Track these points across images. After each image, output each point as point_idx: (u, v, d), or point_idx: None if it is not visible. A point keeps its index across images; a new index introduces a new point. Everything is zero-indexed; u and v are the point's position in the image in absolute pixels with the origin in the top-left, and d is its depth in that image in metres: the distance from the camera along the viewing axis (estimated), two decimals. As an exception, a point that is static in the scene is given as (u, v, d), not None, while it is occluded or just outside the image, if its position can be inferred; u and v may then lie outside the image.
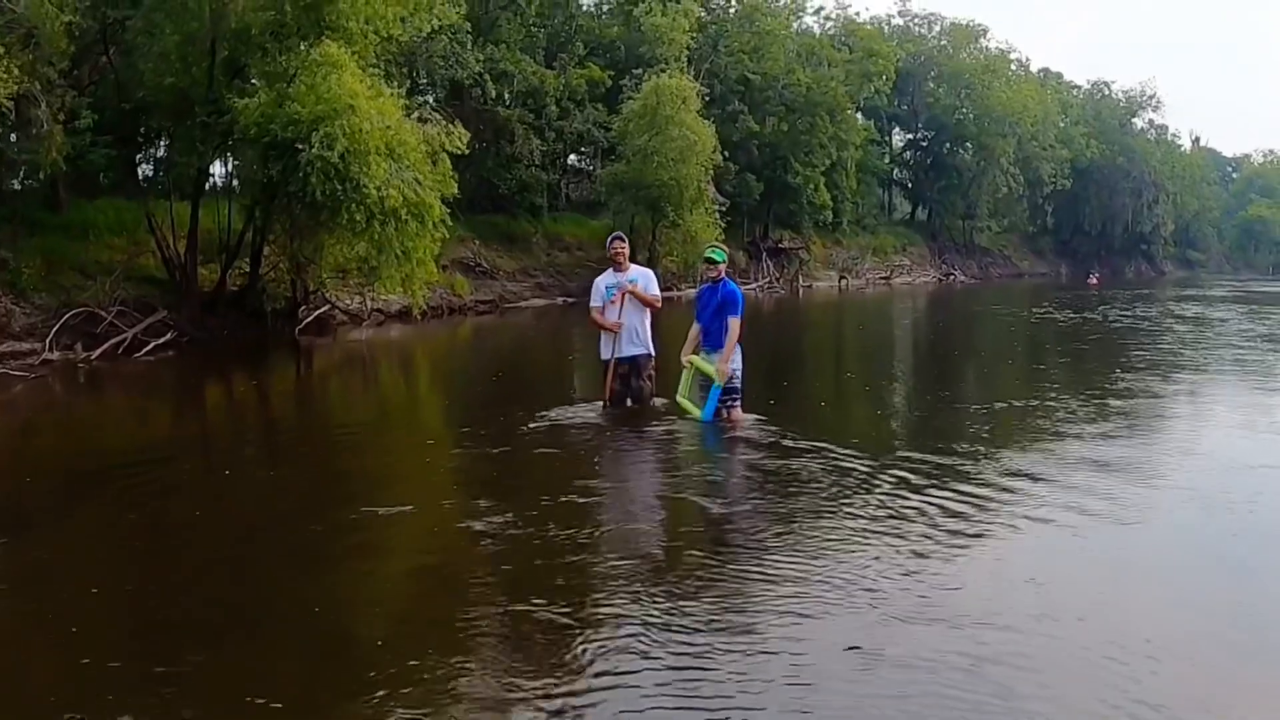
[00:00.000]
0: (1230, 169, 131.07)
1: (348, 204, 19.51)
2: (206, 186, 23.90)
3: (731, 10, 52.58)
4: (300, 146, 19.07)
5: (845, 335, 28.56)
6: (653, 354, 11.31)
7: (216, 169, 25.43)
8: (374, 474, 9.56)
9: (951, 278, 68.36)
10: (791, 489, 8.05)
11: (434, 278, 23.71)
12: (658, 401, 11.31)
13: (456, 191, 22.48)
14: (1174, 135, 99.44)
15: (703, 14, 45.85)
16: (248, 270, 23.28)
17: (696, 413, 10.53)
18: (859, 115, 58.29)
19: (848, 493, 7.87)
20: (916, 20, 72.47)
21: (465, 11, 31.40)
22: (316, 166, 18.99)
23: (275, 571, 6.49)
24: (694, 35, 43.63)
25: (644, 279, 11.27)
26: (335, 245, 21.78)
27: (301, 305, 24.49)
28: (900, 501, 7.57)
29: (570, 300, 37.58)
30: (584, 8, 46.28)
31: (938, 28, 72.72)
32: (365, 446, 11.09)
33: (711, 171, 40.06)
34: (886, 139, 72.45)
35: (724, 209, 41.34)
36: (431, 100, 31.03)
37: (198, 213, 22.23)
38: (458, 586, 6.02)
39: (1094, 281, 65.64)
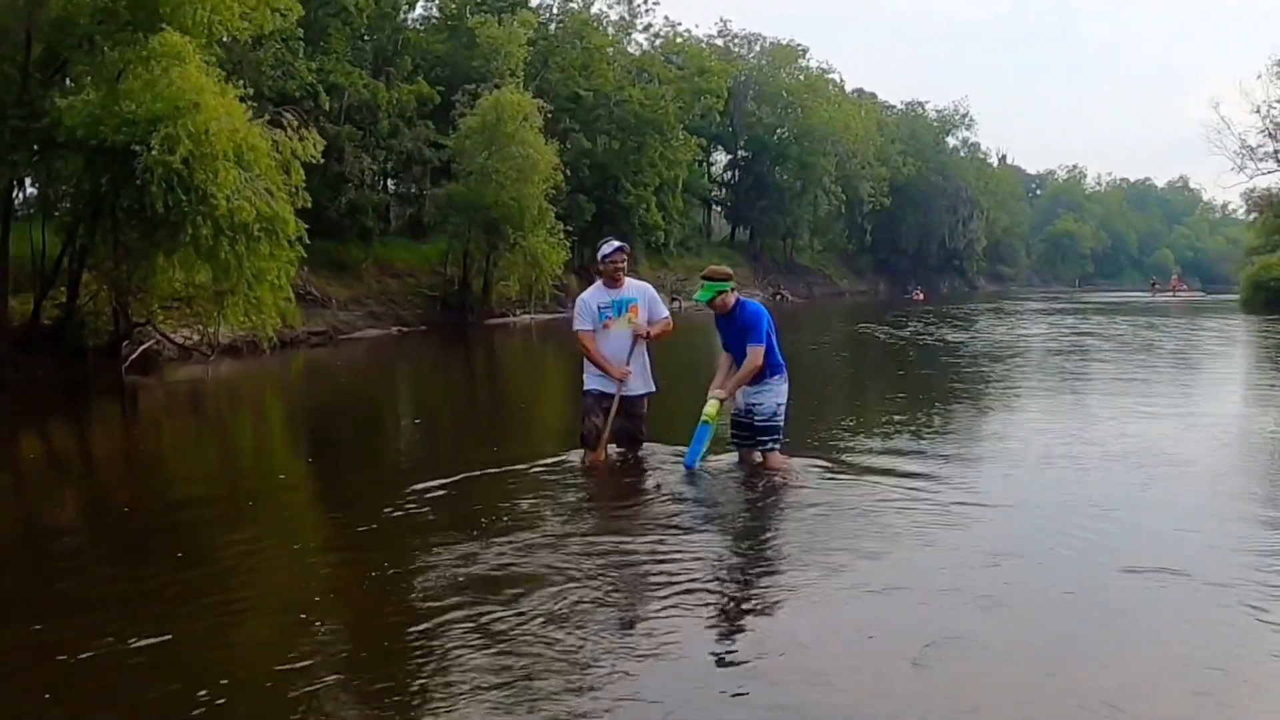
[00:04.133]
0: (1035, 186, 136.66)
1: (192, 217, 16.99)
2: (17, 205, 20.90)
3: (553, 28, 50.96)
4: (136, 149, 16.46)
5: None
6: (653, 390, 9.27)
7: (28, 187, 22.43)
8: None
9: (780, 297, 67.91)
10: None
11: (286, 312, 21.08)
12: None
13: (309, 203, 20.11)
14: (984, 154, 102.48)
15: (530, 31, 44.03)
16: (65, 301, 20.36)
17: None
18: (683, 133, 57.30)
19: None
20: (737, 40, 72.38)
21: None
22: (157, 173, 16.43)
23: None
24: (526, 49, 41.80)
25: (645, 299, 9.14)
26: (169, 269, 19.15)
27: (125, 340, 21.56)
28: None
29: (404, 329, 35.42)
30: (407, 23, 43.84)
31: (758, 47, 72.77)
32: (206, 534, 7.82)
33: (551, 191, 38.19)
34: (707, 159, 71.88)
35: (567, 231, 39.52)
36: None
37: (8, 235, 19.28)
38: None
39: (920, 297, 66.15)
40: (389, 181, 44.73)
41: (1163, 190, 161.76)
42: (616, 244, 9.19)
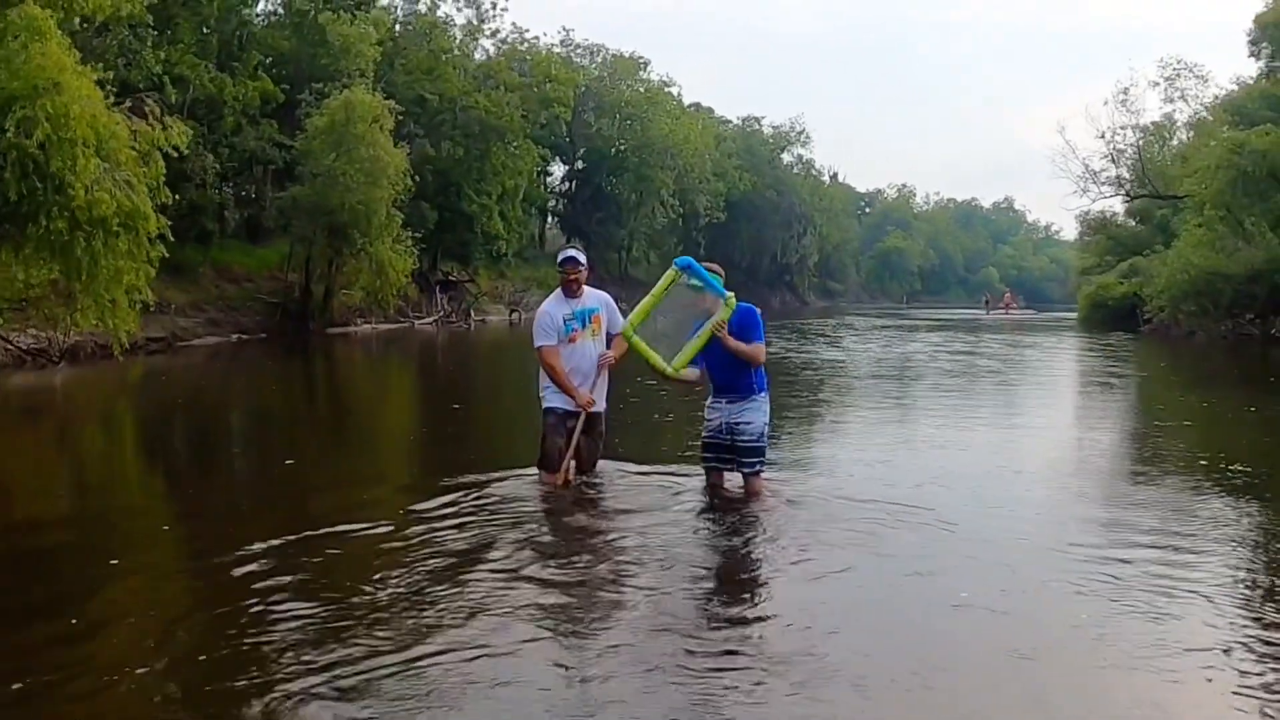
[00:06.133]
0: (865, 204, 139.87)
1: (47, 208, 15.64)
2: None
3: (399, 29, 49.65)
4: (-13, 131, 15.10)
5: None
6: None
7: None
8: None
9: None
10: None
11: (132, 325, 19.57)
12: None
13: (170, 198, 18.80)
14: (818, 171, 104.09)
15: (381, 31, 42.73)
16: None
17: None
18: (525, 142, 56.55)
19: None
20: (579, 51, 71.85)
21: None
22: (10, 158, 15.09)
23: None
24: (375, 49, 40.52)
25: (606, 309, 8.55)
26: (11, 266, 17.65)
27: (-46, 344, 19.90)
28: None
29: (244, 337, 33.98)
30: (252, 18, 41.95)
31: (600, 58, 72.45)
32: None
33: (401, 197, 37.01)
34: (544, 169, 71.19)
35: (415, 238, 38.36)
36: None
37: None
38: None
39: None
40: (224, 183, 42.70)
41: (988, 211, 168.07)
42: (572, 252, 8.56)
